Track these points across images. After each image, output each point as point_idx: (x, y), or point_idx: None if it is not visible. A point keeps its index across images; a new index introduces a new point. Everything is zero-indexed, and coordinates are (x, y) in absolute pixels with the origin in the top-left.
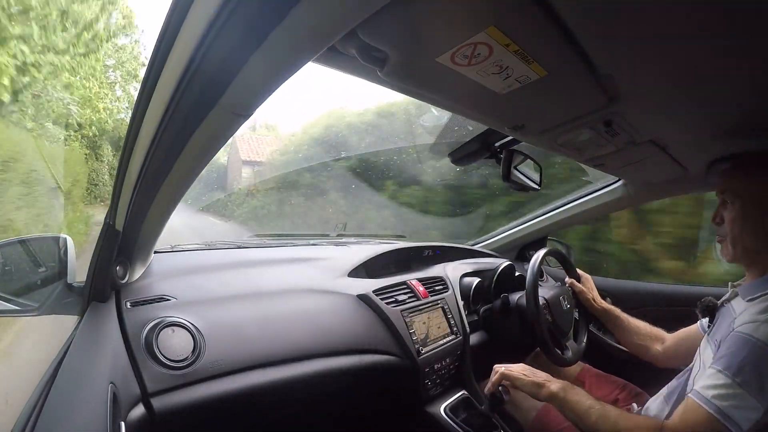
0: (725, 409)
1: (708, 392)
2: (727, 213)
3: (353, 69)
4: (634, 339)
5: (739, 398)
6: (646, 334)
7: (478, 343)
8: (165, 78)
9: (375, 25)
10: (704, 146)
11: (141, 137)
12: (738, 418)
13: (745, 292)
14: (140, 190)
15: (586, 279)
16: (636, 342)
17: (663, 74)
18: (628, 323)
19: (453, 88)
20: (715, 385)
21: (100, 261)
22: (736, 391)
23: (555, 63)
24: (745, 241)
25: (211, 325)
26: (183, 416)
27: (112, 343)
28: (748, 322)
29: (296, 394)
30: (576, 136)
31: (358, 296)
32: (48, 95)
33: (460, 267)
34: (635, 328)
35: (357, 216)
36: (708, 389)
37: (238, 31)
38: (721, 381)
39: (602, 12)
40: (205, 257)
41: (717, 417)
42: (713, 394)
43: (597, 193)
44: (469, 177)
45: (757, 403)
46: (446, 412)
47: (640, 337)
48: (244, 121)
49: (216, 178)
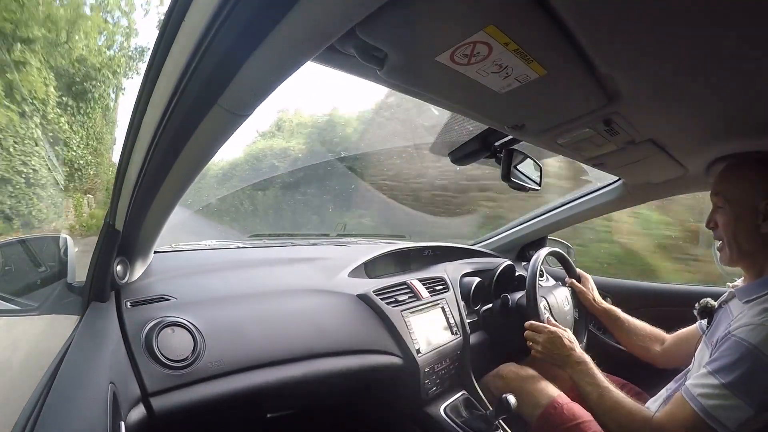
0: (710, 408)
1: (696, 390)
2: (720, 217)
3: (352, 68)
4: (634, 339)
5: (725, 399)
6: (646, 335)
7: (478, 343)
8: (164, 78)
9: (374, 24)
10: (704, 146)
11: (141, 137)
12: (722, 417)
13: (742, 294)
14: (140, 190)
15: (585, 279)
16: (636, 342)
17: (663, 74)
18: (628, 324)
19: (452, 88)
20: (703, 384)
21: (100, 261)
22: (722, 392)
23: (554, 62)
24: (740, 244)
25: (211, 325)
26: (183, 416)
27: (112, 343)
28: (743, 325)
29: (296, 394)
30: (576, 135)
31: (358, 296)
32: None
33: (460, 267)
34: (635, 328)
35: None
36: (696, 387)
37: (237, 31)
38: (710, 381)
39: (602, 11)
40: (205, 257)
41: (701, 415)
42: (700, 393)
43: (597, 192)
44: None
45: (743, 404)
46: (446, 412)
47: (640, 337)
48: (243, 120)
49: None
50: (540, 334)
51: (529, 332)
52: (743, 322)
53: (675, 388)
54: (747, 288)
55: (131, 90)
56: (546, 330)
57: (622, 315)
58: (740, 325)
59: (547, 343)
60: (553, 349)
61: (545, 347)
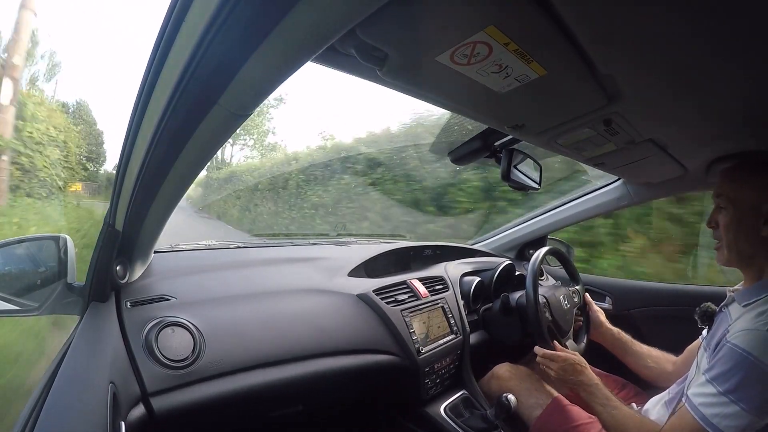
0: (710, 417)
1: (696, 399)
2: (721, 218)
3: (352, 68)
4: (647, 362)
5: (724, 406)
6: (658, 356)
7: (478, 342)
8: (164, 77)
9: (374, 24)
10: (704, 146)
11: (141, 137)
12: (723, 425)
13: (741, 298)
14: (140, 190)
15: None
16: (649, 365)
17: (663, 74)
18: (639, 348)
19: (452, 88)
20: (703, 393)
21: (100, 261)
22: (720, 400)
23: (554, 62)
24: (740, 246)
25: (211, 325)
26: (183, 416)
27: (112, 343)
28: (741, 330)
29: (296, 394)
30: (576, 135)
31: (358, 296)
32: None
33: (460, 266)
34: (647, 351)
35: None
36: (697, 396)
37: (237, 31)
38: (708, 390)
39: (602, 11)
40: (205, 257)
41: (702, 424)
42: (700, 402)
43: (597, 192)
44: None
45: (742, 410)
46: (446, 411)
47: (653, 359)
48: (243, 120)
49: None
50: (553, 362)
51: (543, 359)
52: (739, 327)
53: (677, 391)
54: (745, 292)
55: (131, 90)
56: (559, 358)
57: (631, 340)
58: (736, 330)
59: (560, 370)
60: (566, 375)
61: (559, 373)
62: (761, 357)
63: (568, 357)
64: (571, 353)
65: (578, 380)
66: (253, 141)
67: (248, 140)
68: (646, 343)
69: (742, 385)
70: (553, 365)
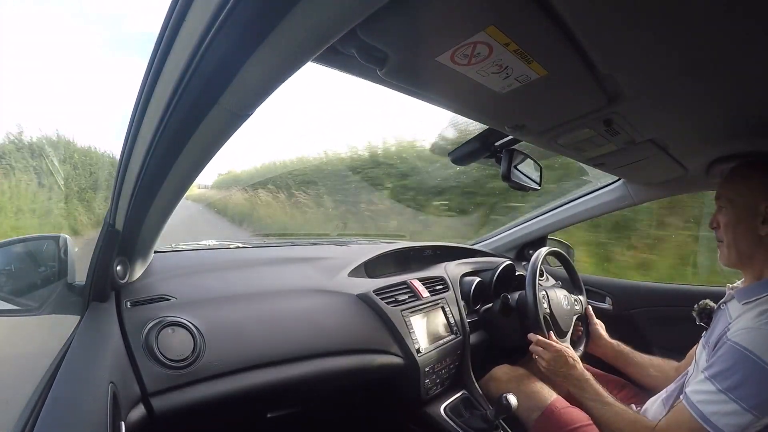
0: (708, 415)
1: (695, 397)
2: (722, 218)
3: (353, 68)
4: (650, 371)
5: (722, 404)
6: (660, 364)
7: (478, 342)
8: (165, 78)
9: (375, 24)
10: (704, 146)
11: (141, 137)
12: (721, 423)
13: (741, 296)
14: (140, 190)
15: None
16: (652, 374)
17: (663, 74)
18: (641, 359)
19: (453, 88)
20: (702, 390)
21: (100, 261)
22: (719, 398)
23: (555, 62)
24: (740, 246)
25: (211, 325)
26: (183, 416)
27: (112, 343)
28: (741, 329)
29: (296, 394)
30: (576, 135)
31: (358, 296)
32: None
33: (461, 267)
34: (648, 361)
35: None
36: (695, 394)
37: (237, 31)
38: (708, 387)
39: (602, 11)
40: (205, 257)
41: (700, 421)
42: (699, 399)
43: (597, 192)
44: None
45: (740, 409)
46: (446, 411)
47: (655, 368)
48: (244, 121)
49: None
50: (545, 351)
51: (535, 347)
52: (740, 325)
53: (674, 389)
54: (746, 290)
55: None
56: (552, 348)
57: (632, 351)
58: (736, 328)
59: (552, 360)
60: (557, 366)
61: (550, 364)
62: (762, 355)
63: (561, 348)
64: (565, 346)
65: (569, 373)
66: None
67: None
68: (646, 343)
69: (743, 384)
70: (545, 354)
